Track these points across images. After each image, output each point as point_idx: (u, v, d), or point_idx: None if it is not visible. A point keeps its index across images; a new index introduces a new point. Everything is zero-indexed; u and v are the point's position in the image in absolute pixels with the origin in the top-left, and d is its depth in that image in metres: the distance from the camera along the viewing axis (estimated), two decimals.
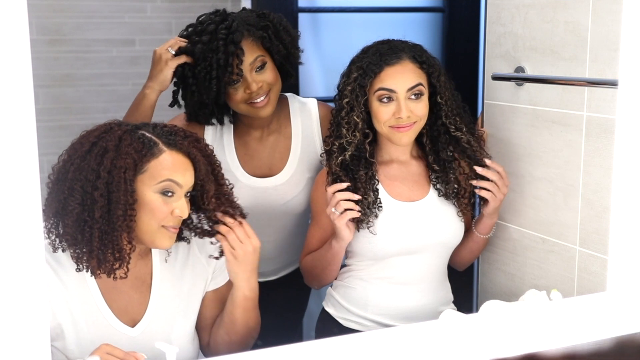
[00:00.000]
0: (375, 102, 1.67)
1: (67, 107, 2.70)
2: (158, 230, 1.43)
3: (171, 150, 1.44)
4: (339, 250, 1.71)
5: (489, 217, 1.77)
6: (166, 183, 1.42)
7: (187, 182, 1.44)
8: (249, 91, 1.81)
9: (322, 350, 1.14)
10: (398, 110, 1.65)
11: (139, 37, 2.74)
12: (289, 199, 1.95)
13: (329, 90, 1.86)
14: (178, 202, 1.43)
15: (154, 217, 1.41)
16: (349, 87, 1.67)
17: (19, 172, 0.83)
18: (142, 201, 1.41)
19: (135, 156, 1.40)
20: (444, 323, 1.41)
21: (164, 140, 1.44)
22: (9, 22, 0.80)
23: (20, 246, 0.85)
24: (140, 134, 1.44)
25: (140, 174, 1.41)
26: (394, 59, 1.67)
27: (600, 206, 1.57)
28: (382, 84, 1.66)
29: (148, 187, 1.41)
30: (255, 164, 1.94)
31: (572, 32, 1.59)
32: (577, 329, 1.32)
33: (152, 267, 1.53)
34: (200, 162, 1.46)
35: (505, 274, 1.87)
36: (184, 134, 1.48)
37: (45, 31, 2.63)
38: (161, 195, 1.42)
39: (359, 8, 2.65)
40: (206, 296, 1.59)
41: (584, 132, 1.60)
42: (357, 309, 1.79)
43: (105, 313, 1.47)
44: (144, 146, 1.42)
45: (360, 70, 1.67)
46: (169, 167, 1.42)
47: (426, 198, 1.76)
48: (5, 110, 0.81)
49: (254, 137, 1.95)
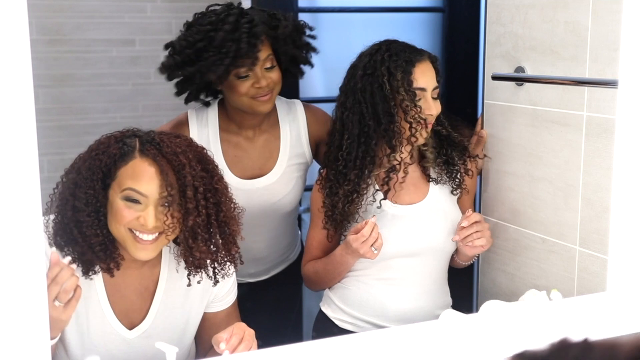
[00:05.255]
0: (406, 101, 1.67)
1: (67, 107, 2.69)
2: (128, 237, 1.41)
3: (142, 158, 1.41)
4: (353, 263, 1.73)
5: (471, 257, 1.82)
6: (128, 192, 1.39)
7: (152, 192, 1.39)
8: (258, 86, 1.84)
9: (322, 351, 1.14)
10: (428, 107, 1.68)
11: (139, 37, 2.73)
12: (280, 198, 1.97)
13: (329, 90, 1.86)
14: (145, 211, 1.40)
15: (119, 221, 1.40)
16: (402, 89, 1.66)
17: (19, 172, 0.83)
18: (110, 206, 1.40)
19: (108, 161, 1.40)
20: (444, 323, 1.41)
21: (141, 147, 1.42)
22: (9, 22, 0.80)
23: (20, 245, 0.85)
24: (124, 141, 1.43)
25: (112, 180, 1.41)
26: (420, 55, 1.70)
27: (600, 206, 1.57)
28: (416, 84, 1.68)
29: (116, 193, 1.40)
30: (245, 165, 1.95)
31: (572, 32, 1.59)
32: (577, 329, 1.32)
33: (159, 276, 1.53)
34: (168, 175, 1.39)
35: (505, 274, 1.87)
36: (167, 143, 1.42)
37: (45, 31, 2.63)
38: (125, 202, 1.40)
39: (359, 8, 2.65)
40: (206, 316, 1.60)
41: (584, 132, 1.60)
42: (354, 311, 1.78)
43: (107, 312, 1.48)
44: (119, 152, 1.41)
45: (401, 68, 1.66)
46: (133, 176, 1.40)
47: (424, 201, 1.76)
48: (5, 110, 0.81)
49: (246, 137, 1.97)
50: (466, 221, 1.70)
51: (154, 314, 1.52)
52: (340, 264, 1.73)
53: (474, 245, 1.70)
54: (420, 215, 1.75)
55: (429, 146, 1.77)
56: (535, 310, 1.42)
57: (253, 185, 1.94)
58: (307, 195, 2.45)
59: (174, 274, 1.53)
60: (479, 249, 1.73)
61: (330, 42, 2.54)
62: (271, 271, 2.10)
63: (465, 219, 1.71)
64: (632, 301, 1.21)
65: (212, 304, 1.59)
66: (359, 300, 1.78)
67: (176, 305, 1.54)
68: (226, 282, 1.57)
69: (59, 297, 1.28)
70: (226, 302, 1.61)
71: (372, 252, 1.64)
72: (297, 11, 2.48)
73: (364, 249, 1.63)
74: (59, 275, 1.28)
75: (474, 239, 1.70)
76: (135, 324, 1.51)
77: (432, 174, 1.78)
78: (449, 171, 1.78)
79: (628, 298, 1.23)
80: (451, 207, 1.78)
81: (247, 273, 2.05)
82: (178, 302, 1.54)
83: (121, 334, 1.49)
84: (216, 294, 1.58)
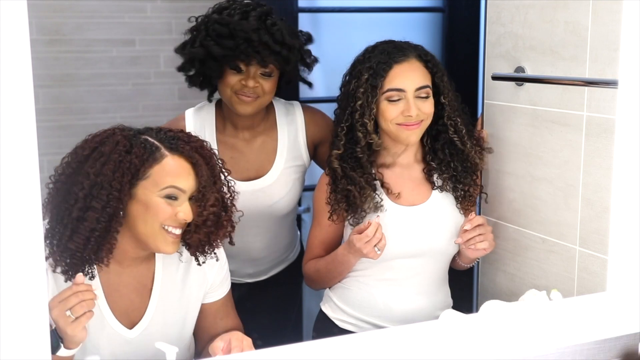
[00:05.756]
0: (384, 101, 1.67)
1: (67, 107, 2.69)
2: (160, 233, 1.43)
3: (173, 155, 1.44)
4: (354, 263, 1.73)
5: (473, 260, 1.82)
6: (170, 190, 1.43)
7: (190, 187, 1.45)
8: (244, 83, 1.84)
9: (322, 351, 1.14)
10: (407, 108, 1.66)
11: (139, 37, 2.73)
12: (277, 200, 1.97)
13: (329, 90, 1.86)
14: (182, 206, 1.44)
15: (157, 218, 1.42)
16: (361, 89, 1.66)
17: (19, 172, 0.83)
18: (146, 205, 1.42)
19: (137, 162, 1.41)
20: (444, 323, 1.41)
21: (167, 144, 1.45)
22: (9, 22, 0.80)
23: (20, 245, 0.85)
24: (143, 139, 1.44)
25: (143, 179, 1.42)
26: (401, 56, 1.68)
27: (600, 206, 1.57)
28: (391, 85, 1.66)
29: (152, 192, 1.42)
30: (242, 167, 1.94)
31: (572, 32, 1.59)
32: (577, 329, 1.32)
33: (154, 272, 1.53)
34: (202, 167, 1.46)
35: (505, 274, 1.87)
36: (188, 139, 1.48)
37: (45, 31, 2.63)
38: (166, 199, 1.43)
39: (359, 8, 2.65)
40: (202, 307, 1.60)
41: (584, 132, 1.59)
42: (354, 311, 1.78)
43: (106, 313, 1.48)
44: (145, 151, 1.42)
45: (371, 70, 1.66)
46: (172, 173, 1.43)
47: (427, 202, 1.76)
48: (5, 110, 0.81)
49: (243, 139, 1.96)
50: (469, 224, 1.70)
51: (153, 310, 1.52)
52: (341, 263, 1.73)
53: (476, 248, 1.70)
54: (422, 217, 1.74)
55: (437, 154, 1.76)
56: (535, 310, 1.42)
57: (249, 188, 1.93)
58: (307, 195, 2.46)
59: (168, 267, 1.54)
60: (481, 252, 1.72)
61: (330, 42, 2.54)
62: (270, 272, 2.10)
63: (467, 222, 1.70)
64: (632, 301, 1.21)
65: (208, 295, 1.60)
66: (360, 300, 1.77)
67: (174, 299, 1.54)
68: (220, 270, 1.59)
69: (73, 310, 1.32)
70: (221, 291, 1.62)
71: (375, 252, 1.64)
72: (297, 11, 2.48)
73: (367, 248, 1.63)
74: (82, 292, 1.34)
75: (477, 242, 1.70)
76: (135, 322, 1.51)
77: (436, 181, 1.77)
78: (454, 186, 1.77)
79: (628, 298, 1.23)
80: (453, 209, 1.77)
81: (245, 273, 2.05)
82: (175, 296, 1.55)
83: (122, 334, 1.49)
84: (212, 283, 1.59)
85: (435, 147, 1.76)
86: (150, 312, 1.52)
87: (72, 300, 1.33)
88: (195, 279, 1.56)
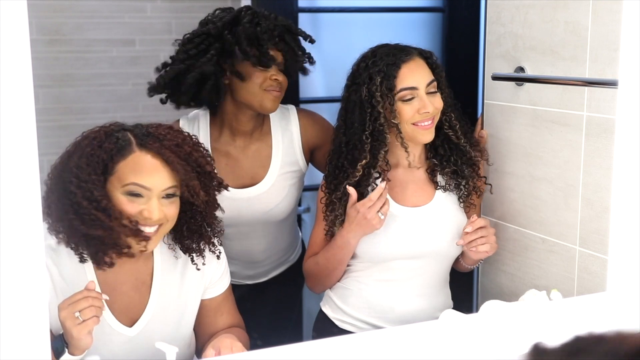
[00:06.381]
0: (398, 102, 1.66)
1: (67, 107, 2.69)
2: (129, 231, 1.40)
3: (142, 152, 1.41)
4: (354, 245, 1.70)
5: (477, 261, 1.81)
6: (131, 187, 1.40)
7: (157, 185, 1.40)
8: (275, 78, 1.84)
9: (322, 351, 1.14)
10: (423, 105, 1.66)
11: (139, 37, 2.73)
12: (273, 207, 1.96)
13: (329, 90, 1.86)
14: (148, 204, 1.40)
15: (122, 215, 1.39)
16: (378, 93, 1.65)
17: (19, 172, 0.83)
18: (112, 202, 1.39)
19: (105, 156, 1.39)
20: (444, 323, 1.41)
21: (138, 141, 1.42)
22: (9, 22, 0.80)
23: (20, 245, 0.85)
24: (116, 135, 1.42)
25: (111, 175, 1.40)
26: (406, 56, 1.68)
27: (600, 206, 1.57)
28: (404, 84, 1.66)
29: (116, 189, 1.40)
30: (236, 175, 1.93)
31: (572, 32, 1.59)
32: (577, 329, 1.32)
33: (153, 268, 1.53)
34: (176, 164, 1.41)
35: (505, 274, 1.87)
36: (163, 136, 1.43)
37: (45, 31, 2.63)
38: (127, 196, 1.40)
39: (359, 8, 2.65)
40: (202, 304, 1.60)
41: (584, 132, 1.60)
42: (354, 311, 1.78)
43: (106, 313, 1.47)
44: (115, 146, 1.40)
45: (382, 73, 1.66)
46: (135, 170, 1.40)
47: (430, 204, 1.76)
48: (5, 110, 0.81)
49: (237, 146, 1.95)
50: (470, 227, 1.70)
51: (153, 307, 1.51)
52: (340, 247, 1.71)
53: (477, 250, 1.70)
54: (424, 219, 1.74)
55: (438, 150, 1.76)
56: (535, 310, 1.42)
57: (244, 195, 1.92)
58: (307, 195, 2.46)
59: (167, 264, 1.54)
60: (483, 254, 1.72)
61: (330, 42, 2.54)
62: (270, 273, 2.10)
63: (469, 224, 1.70)
64: (632, 301, 1.21)
65: (207, 290, 1.59)
66: (360, 301, 1.77)
67: (173, 295, 1.54)
68: (218, 265, 1.58)
69: (82, 313, 1.34)
70: (221, 286, 1.61)
71: (379, 218, 1.63)
72: (297, 11, 2.48)
73: (371, 213, 1.62)
74: (93, 298, 1.36)
75: (478, 245, 1.69)
76: (134, 320, 1.50)
77: (440, 180, 1.78)
78: (457, 182, 1.77)
79: (628, 298, 1.23)
80: (457, 211, 1.77)
81: (245, 275, 2.05)
82: (175, 292, 1.54)
83: (122, 333, 1.49)
84: (211, 278, 1.58)
85: (436, 144, 1.76)
86: (150, 309, 1.51)
87: (82, 303, 1.34)
88: (193, 275, 1.56)
